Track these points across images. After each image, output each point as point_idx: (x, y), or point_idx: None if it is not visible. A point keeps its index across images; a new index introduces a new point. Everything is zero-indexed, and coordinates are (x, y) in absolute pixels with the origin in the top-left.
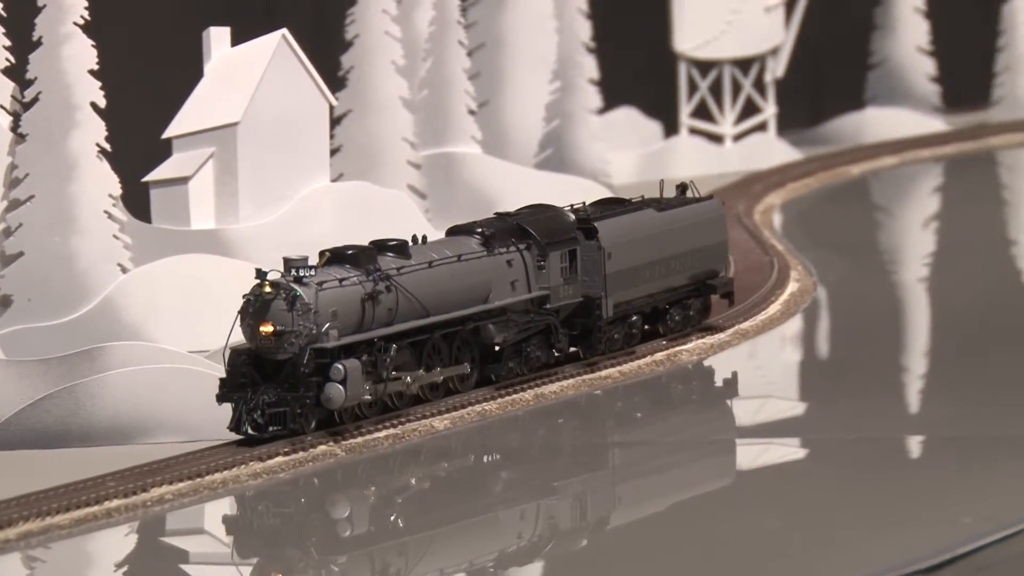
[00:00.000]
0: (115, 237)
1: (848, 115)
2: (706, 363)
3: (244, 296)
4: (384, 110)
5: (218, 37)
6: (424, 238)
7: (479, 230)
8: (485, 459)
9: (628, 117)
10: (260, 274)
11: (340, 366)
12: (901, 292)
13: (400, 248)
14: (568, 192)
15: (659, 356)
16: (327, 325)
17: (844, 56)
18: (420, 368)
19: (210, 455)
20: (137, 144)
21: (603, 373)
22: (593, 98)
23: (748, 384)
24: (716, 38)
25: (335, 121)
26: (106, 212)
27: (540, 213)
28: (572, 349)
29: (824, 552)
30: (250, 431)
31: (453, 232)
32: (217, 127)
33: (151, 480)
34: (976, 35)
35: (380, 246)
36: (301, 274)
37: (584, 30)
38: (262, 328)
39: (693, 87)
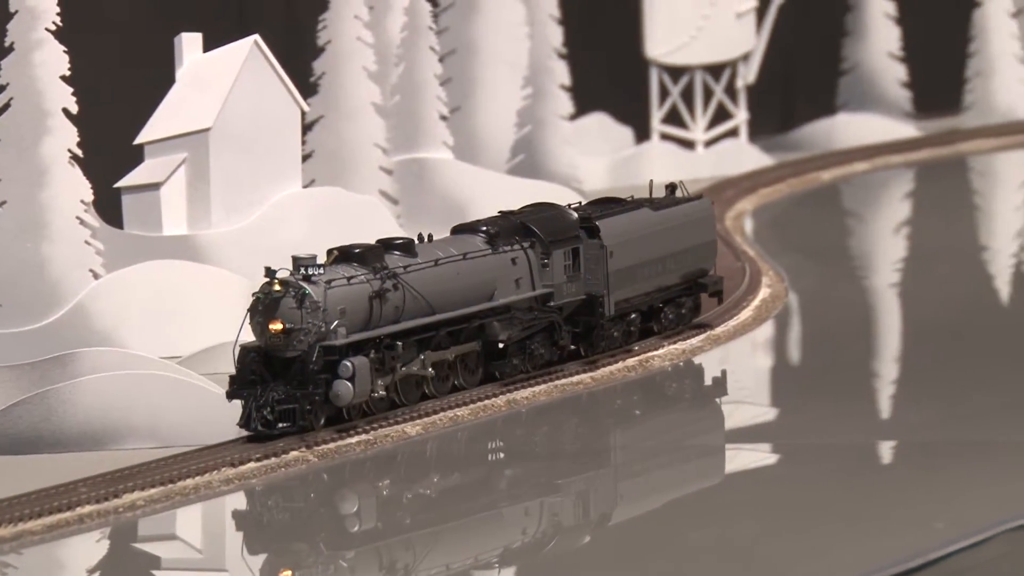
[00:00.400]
0: (87, 243)
1: (819, 121)
2: (696, 361)
3: (253, 294)
4: (356, 116)
5: (190, 43)
6: (430, 236)
7: (484, 228)
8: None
9: (599, 123)
10: (269, 272)
11: (348, 363)
12: (872, 298)
13: (406, 247)
14: (540, 198)
15: (631, 362)
16: (335, 323)
17: (815, 62)
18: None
19: (182, 461)
20: (109, 150)
21: (575, 379)
22: (564, 104)
23: (721, 389)
24: (687, 44)
25: (307, 127)
26: (78, 218)
27: (543, 211)
28: (571, 347)
29: (797, 558)
30: (260, 428)
31: (458, 230)
32: (189, 133)
33: (123, 486)
34: (947, 41)
35: (387, 244)
36: (310, 272)
37: (555, 36)
38: (271, 326)
39: (664, 93)
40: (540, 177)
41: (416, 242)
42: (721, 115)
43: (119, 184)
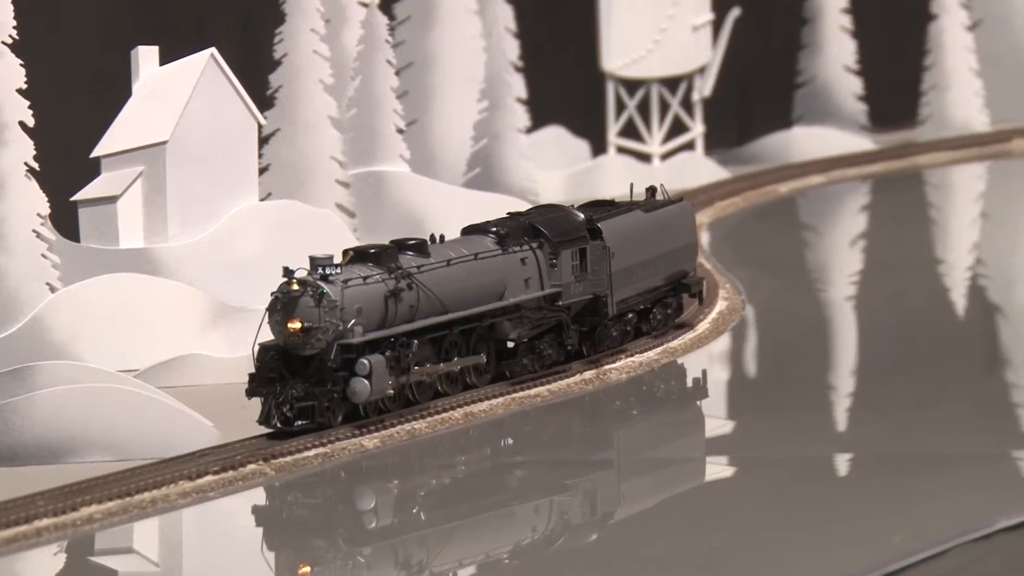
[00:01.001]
0: (43, 256)
1: (775, 134)
2: (684, 361)
3: (272, 293)
4: (312, 129)
5: (147, 56)
6: (442, 237)
7: (494, 229)
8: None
9: (556, 136)
10: (288, 272)
11: (365, 361)
12: (829, 310)
13: (420, 247)
14: (496, 211)
15: (588, 375)
16: (352, 321)
17: (771, 75)
18: (440, 363)
19: (139, 474)
20: (66, 163)
21: (532, 392)
22: (521, 117)
23: (682, 400)
24: (644, 57)
25: (263, 140)
26: (34, 231)
27: (551, 212)
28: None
29: (755, 571)
30: (279, 425)
31: (468, 231)
32: (146, 146)
33: (80, 499)
34: (903, 54)
35: (400, 245)
36: (327, 272)
37: (512, 49)
38: (290, 324)
39: (621, 106)
40: (497, 190)
41: (428, 242)
42: (677, 128)
43: (76, 197)
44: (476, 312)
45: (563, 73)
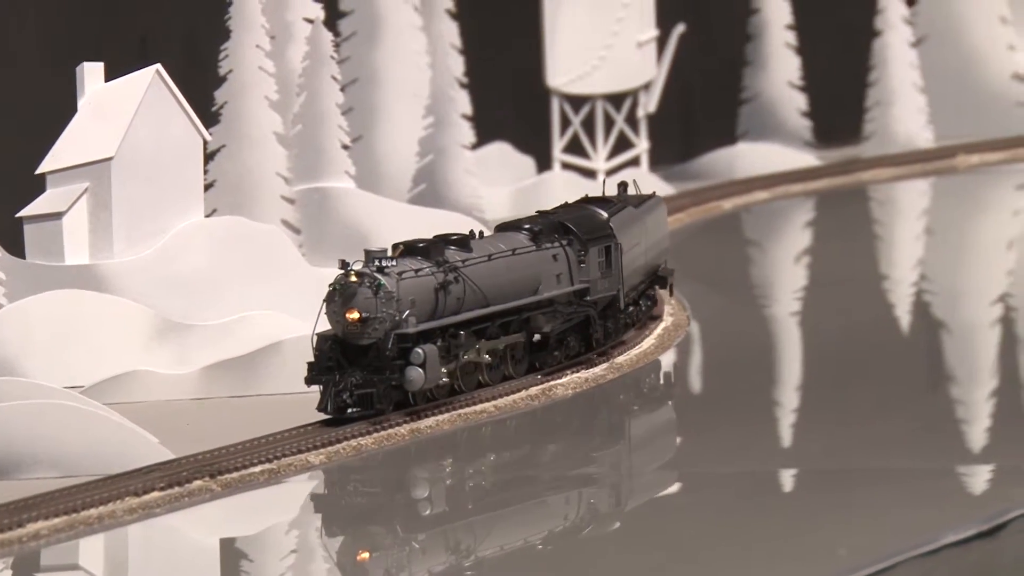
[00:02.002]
0: None
1: (720, 150)
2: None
3: (330, 285)
4: (258, 145)
5: (92, 72)
6: (480, 233)
7: (527, 226)
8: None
9: (501, 152)
10: (344, 264)
11: (420, 350)
12: (773, 326)
13: (462, 242)
14: (442, 227)
15: (534, 391)
16: (407, 312)
17: (716, 91)
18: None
19: (86, 490)
20: (10, 179)
21: (478, 407)
22: (466, 133)
23: (625, 417)
24: (588, 73)
25: (209, 156)
26: None
27: (577, 212)
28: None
29: None
30: (338, 412)
31: (501, 228)
32: (91, 162)
33: (26, 515)
34: (847, 70)
35: (444, 240)
36: (383, 264)
37: (457, 65)
38: (349, 315)
39: (566, 122)
40: (442, 206)
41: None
42: (622, 144)
43: (21, 213)
44: (516, 305)
45: (508, 89)
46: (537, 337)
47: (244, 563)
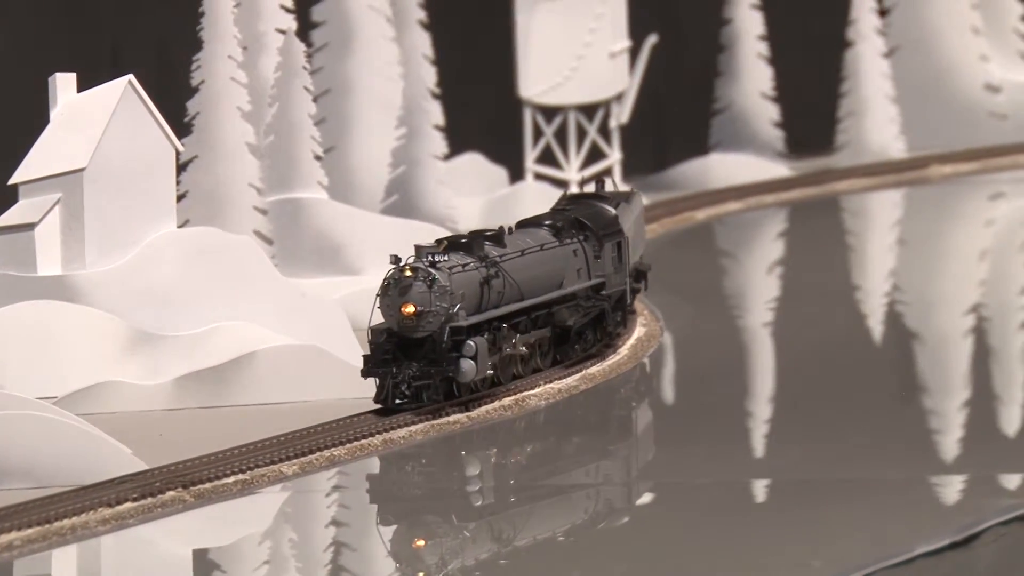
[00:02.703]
0: None
1: (692, 160)
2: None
3: (384, 279)
4: (230, 156)
5: (64, 83)
6: (510, 229)
7: (547, 223)
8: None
9: (474, 163)
10: (396, 259)
11: (472, 343)
12: (746, 337)
13: (497, 238)
14: (415, 238)
15: (507, 401)
16: (458, 306)
17: (688, 102)
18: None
19: (58, 501)
20: None
21: (451, 419)
22: (439, 144)
23: (598, 427)
24: (561, 84)
25: (181, 167)
26: None
27: (588, 208)
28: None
29: None
30: (396, 402)
31: (522, 225)
32: (63, 173)
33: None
34: (819, 81)
35: (481, 235)
36: (435, 259)
37: (430, 76)
38: (404, 309)
39: (538, 133)
40: (415, 217)
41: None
42: (595, 155)
43: None
44: (549, 299)
45: (480, 100)
46: (565, 330)
47: (217, 574)
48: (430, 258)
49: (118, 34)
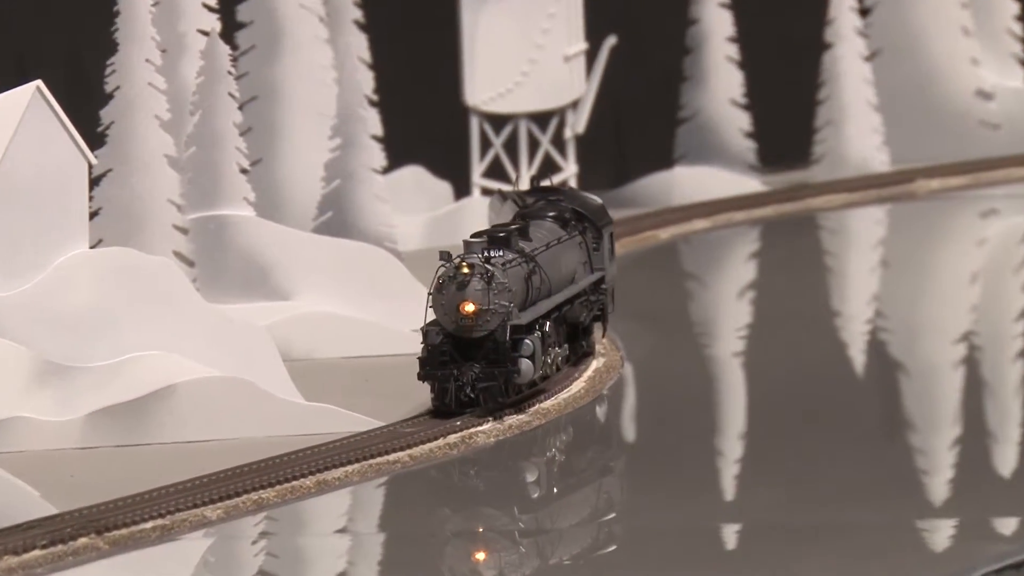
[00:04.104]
0: None
1: (656, 174)
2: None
3: (439, 277)
4: (147, 169)
5: None
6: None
7: (551, 214)
8: None
9: (415, 176)
10: (447, 256)
11: (530, 341)
12: (715, 368)
13: (524, 231)
14: (351, 258)
15: (452, 439)
16: (512, 303)
17: (651, 110)
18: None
19: None
20: None
21: (391, 457)
22: (377, 156)
23: (552, 467)
24: (511, 90)
25: (94, 181)
26: None
27: (575, 197)
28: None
29: None
30: (461, 407)
31: (525, 217)
32: None
33: None
34: (794, 87)
35: (514, 229)
36: (490, 255)
37: (367, 81)
38: (464, 307)
39: (486, 144)
40: (350, 236)
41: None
42: (548, 168)
43: None
44: (572, 294)
45: (423, 108)
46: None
47: None
48: (485, 253)
49: (25, 36)
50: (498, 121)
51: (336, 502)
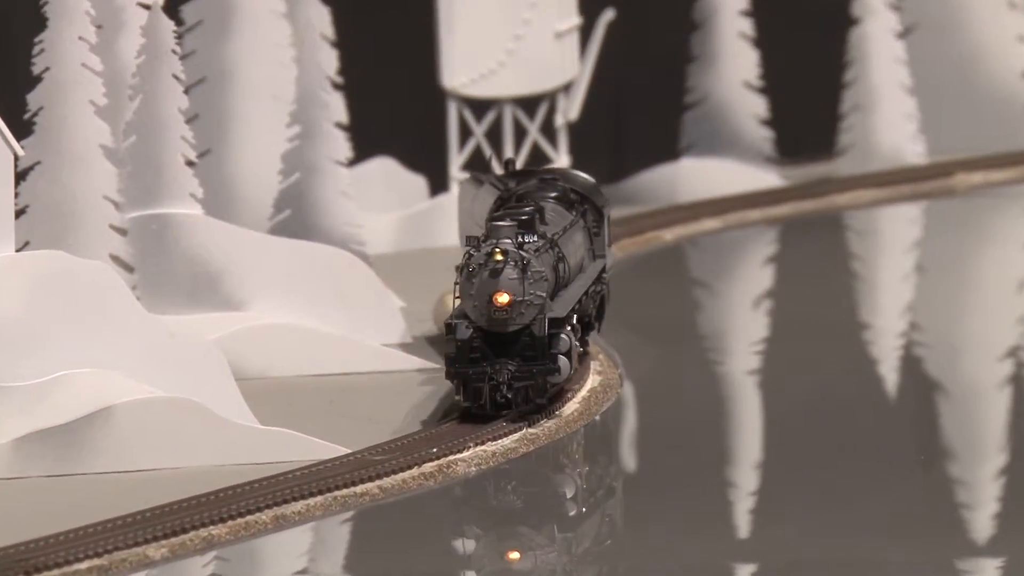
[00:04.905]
0: None
1: (659, 167)
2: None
3: (468, 264)
4: (81, 161)
5: None
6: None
7: (552, 195)
8: None
9: (385, 169)
10: (475, 241)
11: (565, 336)
12: (727, 387)
13: (542, 213)
14: (313, 261)
15: (428, 468)
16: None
17: (654, 94)
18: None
19: None
20: None
21: (358, 489)
22: (341, 146)
23: (538, 502)
24: (494, 72)
25: (20, 175)
26: None
27: (566, 176)
28: None
29: None
30: (498, 410)
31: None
32: None
33: None
34: (817, 67)
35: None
36: (524, 239)
37: (330, 62)
38: (498, 298)
39: (466, 132)
40: (311, 237)
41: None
42: (537, 159)
43: None
44: (588, 282)
45: (394, 91)
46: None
47: None
48: (520, 238)
49: None
50: (479, 106)
51: (295, 540)
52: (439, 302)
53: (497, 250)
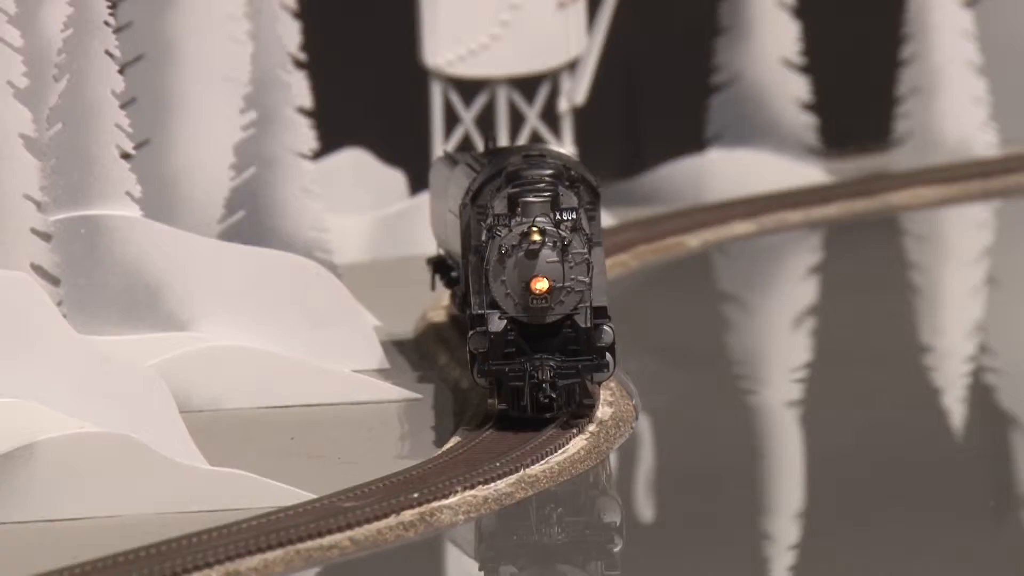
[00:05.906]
0: None
1: (681, 160)
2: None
3: (500, 246)
4: None
5: None
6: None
7: (548, 172)
8: None
9: (357, 163)
10: (499, 218)
11: (609, 328)
12: (762, 422)
13: (556, 193)
14: (272, 269)
15: (408, 516)
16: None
17: (674, 74)
18: None
19: None
20: None
21: (326, 541)
22: (305, 135)
23: (537, 552)
24: (485, 47)
25: None
26: None
27: (561, 156)
28: None
29: None
30: (540, 412)
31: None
32: None
33: None
34: (869, 43)
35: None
36: (563, 216)
37: (292, 36)
38: (536, 284)
39: (452, 118)
40: (269, 243)
41: None
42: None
43: None
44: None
45: (367, 71)
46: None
47: None
48: (557, 215)
49: None
50: (469, 88)
51: None
52: (421, 319)
53: (534, 229)
